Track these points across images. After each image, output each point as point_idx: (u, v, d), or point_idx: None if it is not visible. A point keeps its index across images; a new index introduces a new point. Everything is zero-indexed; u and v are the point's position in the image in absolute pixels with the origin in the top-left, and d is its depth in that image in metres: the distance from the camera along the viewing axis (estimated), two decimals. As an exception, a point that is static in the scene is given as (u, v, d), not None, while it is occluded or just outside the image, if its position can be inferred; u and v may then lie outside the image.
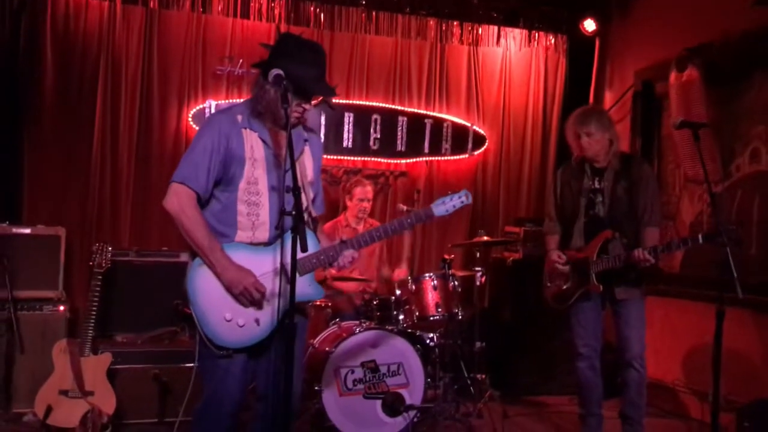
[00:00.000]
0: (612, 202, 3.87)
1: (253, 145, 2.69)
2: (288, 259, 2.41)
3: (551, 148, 6.49)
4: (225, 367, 2.62)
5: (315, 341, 4.29)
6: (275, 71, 2.52)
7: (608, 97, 6.30)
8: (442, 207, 2.83)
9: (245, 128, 2.69)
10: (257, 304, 2.63)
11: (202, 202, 2.69)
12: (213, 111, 5.47)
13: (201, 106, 5.51)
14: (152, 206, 5.20)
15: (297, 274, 2.64)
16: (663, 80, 5.45)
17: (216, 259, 2.59)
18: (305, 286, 2.73)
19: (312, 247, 2.74)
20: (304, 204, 2.81)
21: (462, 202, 2.84)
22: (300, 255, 2.48)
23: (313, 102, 2.75)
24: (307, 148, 2.87)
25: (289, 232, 2.37)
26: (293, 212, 2.35)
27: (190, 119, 5.50)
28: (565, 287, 3.99)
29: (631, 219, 3.87)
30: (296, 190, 2.37)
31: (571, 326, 4.05)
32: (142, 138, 5.43)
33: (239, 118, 2.70)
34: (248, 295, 2.60)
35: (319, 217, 2.97)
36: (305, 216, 2.81)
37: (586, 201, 3.94)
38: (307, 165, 2.85)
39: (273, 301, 2.61)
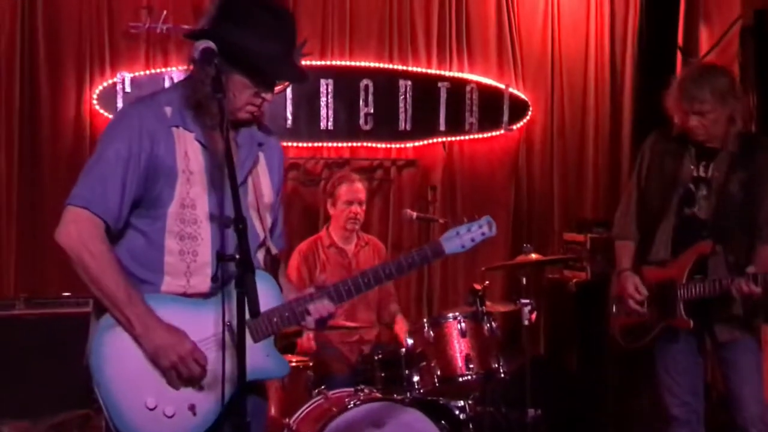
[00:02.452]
0: (721, 199, 3.82)
1: (188, 150, 2.65)
2: (236, 320, 2.38)
3: (624, 112, 6.47)
4: None
5: (292, 421, 4.25)
6: (203, 44, 2.48)
7: (705, 36, 6.27)
8: (457, 241, 2.85)
9: (176, 126, 2.66)
10: (195, 383, 2.60)
11: (113, 235, 2.65)
12: (128, 88, 5.44)
13: (110, 82, 5.48)
14: (46, 234, 5.12)
15: (251, 341, 2.61)
16: (784, 8, 5.41)
17: (136, 316, 2.56)
18: (262, 359, 2.68)
19: (271, 299, 2.69)
20: (260, 237, 2.78)
21: (483, 234, 2.86)
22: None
23: (276, 89, 2.73)
24: (262, 156, 2.83)
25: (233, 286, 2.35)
26: (236, 257, 2.31)
27: (95, 102, 5.47)
28: (640, 318, 3.95)
29: (744, 227, 3.82)
30: (240, 224, 2.32)
31: (657, 377, 4.02)
32: (27, 135, 5.40)
33: (168, 111, 2.66)
34: (184, 370, 2.57)
35: (281, 254, 2.93)
36: (261, 255, 2.79)
37: (683, 193, 3.90)
38: (263, 181, 2.82)
39: (216, 380, 2.57)
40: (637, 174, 4.08)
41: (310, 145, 5.91)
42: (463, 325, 4.38)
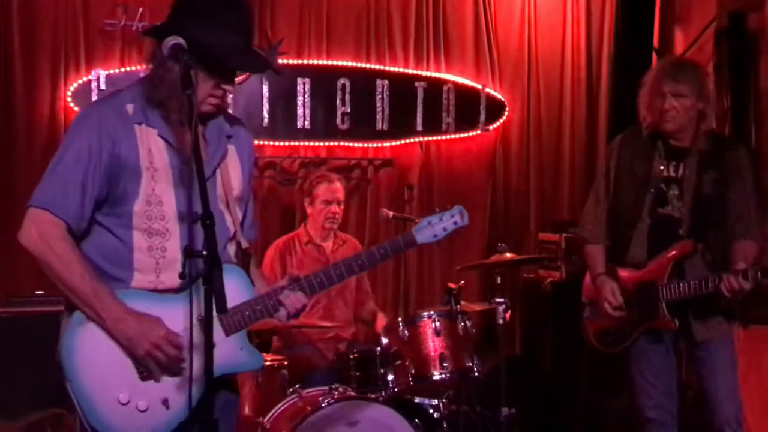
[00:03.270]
0: (696, 198, 3.85)
1: (152, 147, 2.67)
2: (211, 312, 2.39)
3: (600, 113, 6.53)
4: None
5: (266, 420, 4.24)
6: (172, 40, 2.50)
7: (680, 37, 6.30)
8: (428, 231, 2.87)
9: (139, 123, 2.67)
10: (173, 369, 2.61)
11: (79, 233, 2.67)
12: (102, 86, 5.45)
13: (85, 79, 5.49)
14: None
15: (223, 335, 2.64)
16: (758, 10, 5.45)
17: (104, 307, 2.57)
18: (235, 352, 2.70)
19: (243, 292, 2.71)
20: (231, 230, 2.80)
21: (455, 223, 2.89)
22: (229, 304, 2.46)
23: (237, 79, 2.74)
24: (231, 149, 2.84)
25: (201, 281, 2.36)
26: (204, 252, 2.32)
27: (69, 99, 5.47)
28: (616, 322, 3.95)
29: (719, 225, 3.85)
30: (207, 219, 2.33)
31: (631, 379, 4.03)
32: (1, 131, 5.39)
33: (129, 108, 2.68)
34: (160, 356, 2.59)
35: (252, 246, 2.95)
36: (232, 249, 2.81)
37: (656, 193, 3.92)
38: (233, 173, 2.83)
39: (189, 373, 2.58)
40: (605, 176, 4.05)
41: (286, 144, 5.92)
42: (437, 323, 4.38)
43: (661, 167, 3.91)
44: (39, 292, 4.91)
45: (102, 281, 2.61)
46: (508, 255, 4.95)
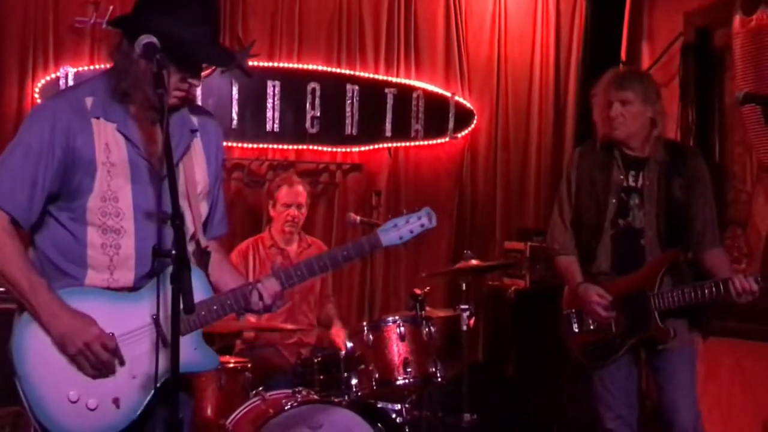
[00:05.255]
0: (666, 205, 3.85)
1: (110, 142, 2.64)
2: (170, 315, 2.36)
3: (567, 125, 6.55)
4: None
5: (228, 422, 4.22)
6: (145, 39, 2.47)
7: (647, 52, 6.34)
8: (394, 233, 2.85)
9: (97, 117, 2.65)
10: (105, 371, 2.59)
11: (28, 227, 2.66)
12: (71, 83, 5.38)
13: (53, 76, 5.44)
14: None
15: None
16: (724, 27, 5.50)
17: (39, 302, 2.55)
18: (189, 351, 2.66)
19: (200, 292, 2.65)
20: (191, 229, 2.77)
21: (422, 225, 2.88)
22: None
23: (203, 73, 2.73)
24: (197, 143, 2.81)
25: (168, 278, 2.34)
26: (173, 252, 2.30)
27: (37, 96, 5.41)
28: (603, 335, 3.90)
29: (686, 232, 3.88)
30: (176, 220, 2.31)
31: (593, 389, 4.03)
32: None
33: (88, 102, 2.66)
34: (91, 356, 2.56)
35: (224, 238, 2.95)
36: (191, 247, 2.77)
37: (617, 203, 3.93)
38: (197, 169, 2.80)
39: (141, 373, 2.58)
40: (566, 190, 4.05)
41: (255, 146, 5.89)
42: (402, 329, 4.37)
43: (621, 177, 3.94)
44: None
45: (40, 276, 2.59)
46: (474, 261, 4.96)
